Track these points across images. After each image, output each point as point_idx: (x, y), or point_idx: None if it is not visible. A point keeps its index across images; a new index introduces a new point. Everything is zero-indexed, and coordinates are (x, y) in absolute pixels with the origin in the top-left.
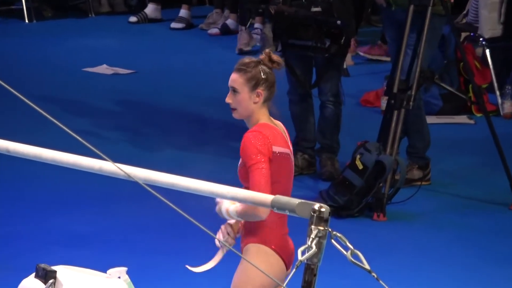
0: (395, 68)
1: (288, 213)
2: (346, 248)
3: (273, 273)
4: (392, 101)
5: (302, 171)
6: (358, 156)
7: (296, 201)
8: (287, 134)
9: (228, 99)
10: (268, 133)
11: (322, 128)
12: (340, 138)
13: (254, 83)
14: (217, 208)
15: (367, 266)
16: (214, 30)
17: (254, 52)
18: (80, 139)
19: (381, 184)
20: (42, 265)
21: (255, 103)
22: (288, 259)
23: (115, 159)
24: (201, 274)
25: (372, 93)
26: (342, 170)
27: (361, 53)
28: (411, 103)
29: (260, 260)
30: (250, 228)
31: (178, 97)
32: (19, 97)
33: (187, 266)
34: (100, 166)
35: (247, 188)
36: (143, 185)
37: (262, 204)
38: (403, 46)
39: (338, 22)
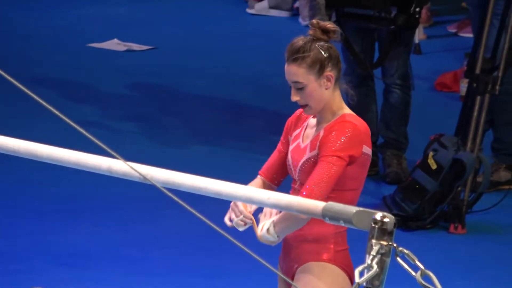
0: (477, 43)
1: (343, 224)
2: (416, 268)
3: None
4: (474, 85)
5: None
6: (431, 153)
7: (353, 209)
8: None
9: (294, 97)
10: (362, 128)
11: (387, 118)
12: (408, 130)
13: (319, 67)
14: (259, 234)
15: None
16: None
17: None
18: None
19: (459, 188)
20: None
21: (327, 89)
22: (353, 281)
23: (128, 157)
24: None
25: (450, 75)
26: (411, 170)
27: (451, 30)
28: (497, 87)
29: (327, 283)
30: (306, 240)
31: (206, 79)
32: (9, 80)
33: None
34: (109, 165)
35: (300, 187)
36: (162, 189)
37: (310, 212)
38: (488, 15)
39: None
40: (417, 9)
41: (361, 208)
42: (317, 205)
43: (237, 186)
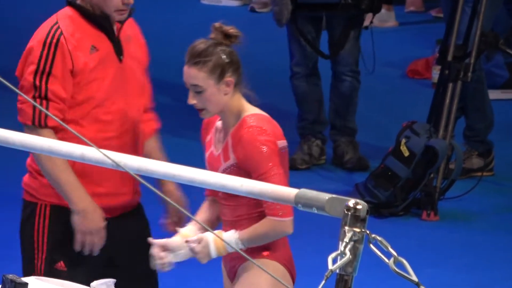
0: (449, 30)
1: (315, 211)
2: (388, 255)
3: None
4: (446, 72)
5: (316, 161)
6: (403, 141)
7: (325, 196)
8: None
9: (191, 100)
10: (269, 127)
11: (338, 106)
12: (381, 117)
13: (220, 72)
14: (196, 248)
15: (414, 278)
16: None
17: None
18: (52, 116)
19: (432, 175)
20: (10, 276)
21: (226, 94)
22: (295, 274)
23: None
24: None
25: (421, 62)
26: (384, 157)
27: (434, 14)
28: (469, 74)
29: (267, 280)
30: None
31: (165, 68)
32: None
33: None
34: (81, 152)
35: (235, 206)
36: (135, 175)
37: (283, 200)
38: (459, 2)
39: None
40: None
41: (334, 195)
42: (290, 192)
43: (210, 173)
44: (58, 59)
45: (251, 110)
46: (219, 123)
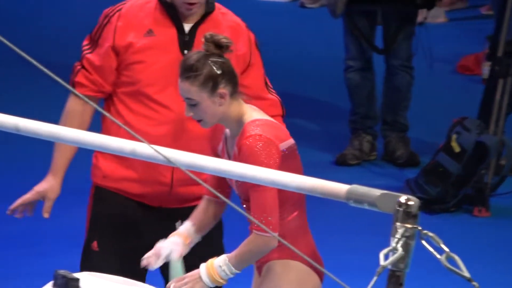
0: (499, 26)
1: (367, 207)
2: (440, 251)
3: None
4: (496, 67)
5: (367, 157)
6: (454, 136)
7: (377, 192)
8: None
9: (187, 113)
10: (268, 131)
11: (392, 101)
12: (431, 113)
13: (212, 85)
14: (191, 277)
15: (466, 273)
16: None
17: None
18: (105, 112)
19: (483, 171)
20: (62, 272)
21: (221, 105)
22: (322, 272)
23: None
24: None
25: (471, 58)
26: (435, 153)
27: (483, 12)
28: None
29: (290, 280)
30: None
31: None
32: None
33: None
34: (133, 148)
35: (248, 208)
36: (186, 171)
37: (334, 195)
38: None
39: None
40: None
41: (385, 191)
42: (341, 188)
43: (260, 169)
44: (104, 32)
45: (252, 115)
46: (227, 130)
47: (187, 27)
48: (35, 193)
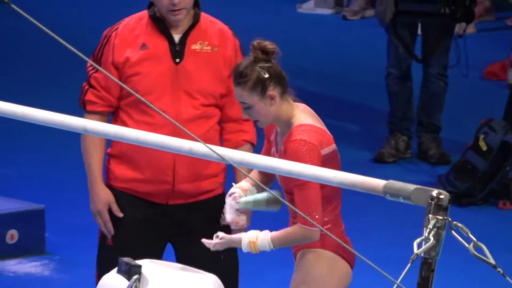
0: None
1: (402, 200)
2: (468, 240)
3: (339, 281)
4: None
5: (403, 155)
6: (481, 136)
7: (411, 186)
8: (318, 117)
9: (244, 115)
10: (313, 136)
11: (427, 105)
12: (461, 115)
13: (261, 89)
14: (232, 239)
15: (492, 261)
16: None
17: (364, 24)
18: (159, 111)
19: (508, 168)
20: (125, 259)
21: (272, 106)
22: (352, 260)
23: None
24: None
25: (498, 64)
26: (464, 152)
27: (509, 23)
28: None
29: (321, 267)
30: None
31: None
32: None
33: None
34: (190, 147)
35: (291, 200)
36: (238, 168)
37: (373, 190)
38: None
39: None
40: (473, 3)
41: (419, 186)
42: (379, 183)
43: (306, 166)
44: (105, 50)
45: (300, 119)
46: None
47: (177, 37)
48: (104, 207)
